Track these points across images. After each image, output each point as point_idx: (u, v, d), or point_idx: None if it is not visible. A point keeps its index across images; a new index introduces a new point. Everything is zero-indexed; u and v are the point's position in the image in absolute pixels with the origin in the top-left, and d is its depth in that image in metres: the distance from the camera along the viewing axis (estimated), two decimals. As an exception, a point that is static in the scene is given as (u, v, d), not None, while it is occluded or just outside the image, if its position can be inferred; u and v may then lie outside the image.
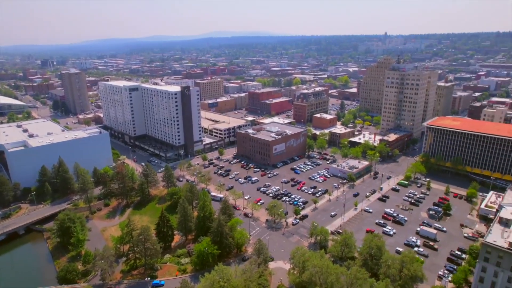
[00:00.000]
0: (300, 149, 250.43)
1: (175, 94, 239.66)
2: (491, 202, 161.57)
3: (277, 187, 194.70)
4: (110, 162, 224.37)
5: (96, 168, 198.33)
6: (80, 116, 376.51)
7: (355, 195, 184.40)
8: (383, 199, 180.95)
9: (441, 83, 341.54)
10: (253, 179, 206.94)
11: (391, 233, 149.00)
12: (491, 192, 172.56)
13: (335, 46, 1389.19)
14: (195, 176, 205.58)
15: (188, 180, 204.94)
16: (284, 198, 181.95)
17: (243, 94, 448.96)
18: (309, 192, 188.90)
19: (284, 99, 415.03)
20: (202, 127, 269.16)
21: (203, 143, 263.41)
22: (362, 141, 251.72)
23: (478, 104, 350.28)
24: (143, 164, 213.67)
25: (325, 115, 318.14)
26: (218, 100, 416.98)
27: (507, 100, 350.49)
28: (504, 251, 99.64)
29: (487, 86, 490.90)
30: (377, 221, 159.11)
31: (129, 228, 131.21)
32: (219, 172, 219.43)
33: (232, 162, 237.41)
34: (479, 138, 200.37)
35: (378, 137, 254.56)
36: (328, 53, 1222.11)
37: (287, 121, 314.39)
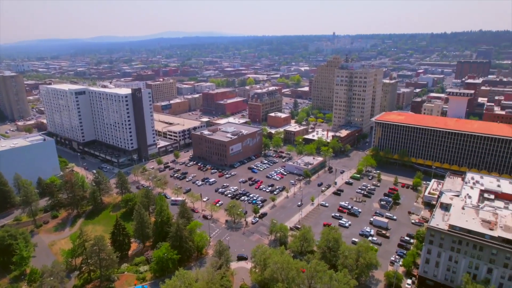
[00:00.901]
0: (256, 148, 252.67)
1: (126, 96, 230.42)
2: (433, 189, 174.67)
3: (235, 187, 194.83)
4: (57, 171, 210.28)
5: (41, 178, 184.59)
6: (20, 123, 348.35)
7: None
8: (337, 193, 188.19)
9: (386, 81, 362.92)
10: (210, 180, 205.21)
11: (347, 225, 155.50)
12: (433, 180, 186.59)
13: (286, 46, 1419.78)
14: (151, 180, 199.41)
15: (143, 185, 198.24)
16: (242, 197, 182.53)
17: (197, 95, 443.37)
18: (267, 190, 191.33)
19: (239, 99, 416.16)
20: (155, 130, 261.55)
21: (158, 146, 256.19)
22: (315, 138, 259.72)
23: (419, 99, 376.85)
24: (94, 171, 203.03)
25: (279, 114, 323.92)
26: (172, 102, 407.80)
27: (442, 95, 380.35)
28: (445, 233, 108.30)
29: (425, 82, 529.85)
30: (333, 214, 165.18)
31: (81, 239, 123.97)
32: (175, 175, 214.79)
33: (188, 165, 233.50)
34: (421, 131, 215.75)
35: (330, 134, 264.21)
36: (280, 53, 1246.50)
37: (242, 121, 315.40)
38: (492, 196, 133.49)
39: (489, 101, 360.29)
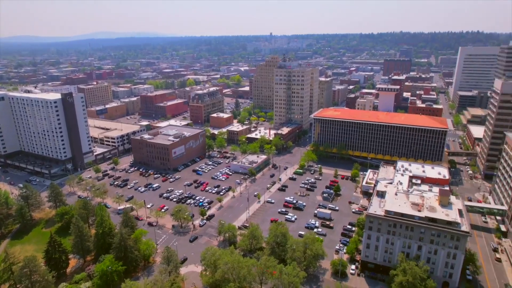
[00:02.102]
0: (200, 150, 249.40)
1: (55, 102, 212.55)
2: (370, 179, 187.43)
3: (180, 191, 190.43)
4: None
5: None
6: None
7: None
8: (282, 188, 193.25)
9: (322, 78, 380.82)
10: (154, 185, 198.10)
11: (293, 219, 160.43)
12: (369, 170, 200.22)
13: (225, 47, 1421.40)
14: (89, 190, 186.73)
15: (81, 196, 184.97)
16: (188, 201, 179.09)
17: (134, 98, 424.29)
18: (213, 192, 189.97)
19: (179, 100, 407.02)
20: (91, 137, 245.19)
21: (95, 154, 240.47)
22: (258, 136, 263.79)
23: (352, 95, 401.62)
24: (21, 185, 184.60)
25: (221, 114, 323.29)
26: (107, 106, 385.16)
27: (373, 91, 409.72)
28: (382, 218, 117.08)
29: (357, 79, 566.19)
30: (279, 210, 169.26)
31: (7, 263, 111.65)
32: (115, 183, 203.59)
33: (129, 171, 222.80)
34: (356, 125, 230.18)
35: (273, 132, 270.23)
36: (219, 53, 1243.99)
37: (184, 123, 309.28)
38: (419, 181, 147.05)
39: (412, 96, 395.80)
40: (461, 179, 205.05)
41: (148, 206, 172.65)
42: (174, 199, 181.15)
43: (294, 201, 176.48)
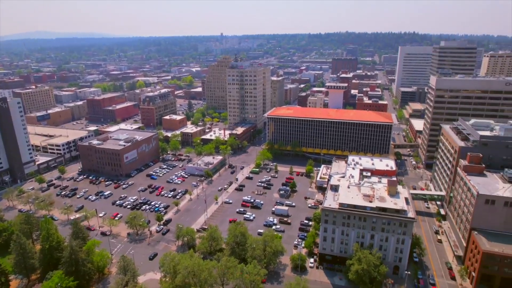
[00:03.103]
0: (153, 154, 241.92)
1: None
2: (323, 174, 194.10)
3: (134, 197, 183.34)
4: None
5: None
6: None
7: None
8: (240, 188, 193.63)
9: (274, 78, 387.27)
10: (105, 193, 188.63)
11: (251, 218, 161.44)
12: (323, 165, 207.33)
13: (175, 47, 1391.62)
14: (31, 203, 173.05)
15: (22, 210, 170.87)
16: (144, 206, 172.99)
17: (80, 102, 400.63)
18: (169, 196, 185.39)
19: (129, 103, 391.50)
20: (32, 145, 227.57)
21: (37, 163, 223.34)
22: (213, 137, 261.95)
23: (304, 94, 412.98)
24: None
25: (174, 116, 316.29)
26: (50, 111, 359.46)
27: (323, 89, 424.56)
28: (337, 211, 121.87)
29: (308, 78, 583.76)
30: (237, 210, 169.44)
31: None
32: (63, 193, 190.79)
33: (77, 179, 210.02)
34: (308, 123, 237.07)
35: (227, 132, 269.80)
36: (169, 54, 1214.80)
37: (135, 126, 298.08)
38: (369, 174, 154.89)
39: (359, 93, 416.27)
40: (406, 169, 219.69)
41: (101, 215, 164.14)
42: (128, 206, 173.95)
43: (252, 200, 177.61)
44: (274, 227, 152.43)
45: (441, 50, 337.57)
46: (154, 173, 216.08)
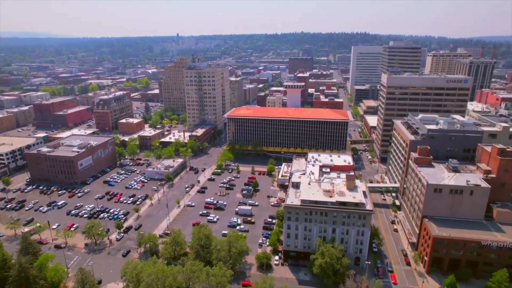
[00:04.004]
0: (110, 159, 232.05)
1: None
2: (285, 172, 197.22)
3: (91, 205, 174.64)
4: None
5: None
6: None
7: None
8: (202, 190, 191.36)
9: (233, 78, 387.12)
10: (59, 203, 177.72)
11: (215, 219, 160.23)
12: (284, 164, 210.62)
13: (129, 48, 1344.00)
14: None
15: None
16: (102, 215, 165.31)
17: (26, 108, 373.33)
18: (129, 202, 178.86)
19: (82, 108, 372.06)
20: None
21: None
22: (173, 140, 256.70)
23: (262, 93, 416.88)
24: None
25: (131, 120, 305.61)
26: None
27: (281, 88, 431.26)
28: (299, 208, 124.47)
29: (266, 78, 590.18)
30: (200, 212, 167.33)
31: None
32: (8, 206, 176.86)
33: (26, 190, 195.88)
34: (268, 122, 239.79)
35: (187, 134, 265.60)
36: (124, 55, 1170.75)
37: (89, 131, 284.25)
38: (328, 170, 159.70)
39: (316, 91, 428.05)
40: (362, 164, 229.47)
41: (54, 227, 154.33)
42: (85, 215, 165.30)
43: (215, 202, 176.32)
44: (238, 227, 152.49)
45: (390, 50, 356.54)
46: (111, 179, 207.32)
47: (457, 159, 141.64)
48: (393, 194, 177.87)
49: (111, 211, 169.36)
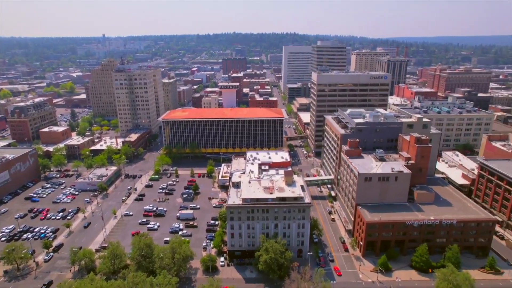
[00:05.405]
0: (32, 173, 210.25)
1: None
2: (225, 173, 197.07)
3: (11, 226, 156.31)
4: None
5: None
6: None
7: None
8: (140, 198, 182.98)
9: (166, 80, 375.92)
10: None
11: (156, 227, 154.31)
12: (223, 164, 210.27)
13: (48, 50, 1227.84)
14: None
15: None
16: (25, 235, 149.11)
17: None
18: (58, 218, 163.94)
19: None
20: None
21: None
22: (104, 147, 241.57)
23: (197, 95, 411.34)
24: None
25: (55, 128, 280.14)
26: None
27: (216, 89, 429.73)
28: (241, 207, 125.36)
29: (200, 79, 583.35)
30: (139, 221, 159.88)
31: None
32: None
33: None
34: (204, 123, 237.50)
35: (120, 140, 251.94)
36: (42, 57, 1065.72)
37: (3, 143, 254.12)
38: (267, 167, 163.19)
39: (251, 91, 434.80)
40: (299, 159, 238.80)
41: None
42: (3, 239, 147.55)
43: (154, 209, 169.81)
44: (180, 232, 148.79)
45: (319, 49, 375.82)
46: (35, 195, 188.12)
47: (383, 149, 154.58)
48: (329, 186, 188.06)
49: (37, 229, 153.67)
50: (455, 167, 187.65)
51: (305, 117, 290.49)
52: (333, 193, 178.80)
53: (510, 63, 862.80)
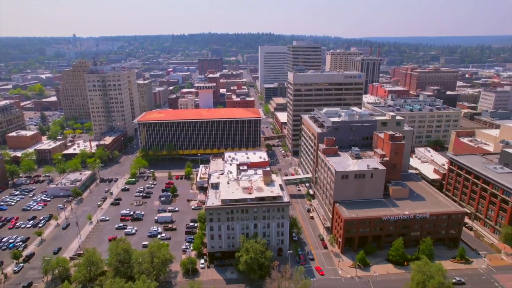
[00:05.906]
0: None
1: None
2: (203, 174, 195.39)
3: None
4: None
5: None
6: None
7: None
8: (116, 202, 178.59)
9: (140, 81, 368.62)
10: None
11: (133, 231, 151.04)
12: (201, 165, 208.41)
13: (14, 50, 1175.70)
14: None
15: None
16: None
17: None
18: (28, 226, 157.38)
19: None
20: None
21: None
22: (78, 151, 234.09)
23: (173, 96, 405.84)
24: None
25: (24, 132, 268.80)
26: None
27: (192, 90, 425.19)
28: (220, 208, 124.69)
29: (176, 80, 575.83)
30: (116, 225, 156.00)
31: None
32: None
33: None
34: (181, 125, 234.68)
35: (94, 143, 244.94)
36: (7, 58, 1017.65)
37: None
38: (245, 167, 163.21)
39: (228, 91, 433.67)
40: (277, 158, 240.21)
41: None
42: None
43: (131, 213, 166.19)
44: (159, 236, 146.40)
45: (294, 49, 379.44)
46: (2, 203, 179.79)
47: (358, 146, 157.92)
48: (307, 184, 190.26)
49: (5, 239, 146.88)
50: (427, 162, 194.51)
51: (282, 116, 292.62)
52: (311, 191, 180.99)
53: (474, 63, 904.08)
